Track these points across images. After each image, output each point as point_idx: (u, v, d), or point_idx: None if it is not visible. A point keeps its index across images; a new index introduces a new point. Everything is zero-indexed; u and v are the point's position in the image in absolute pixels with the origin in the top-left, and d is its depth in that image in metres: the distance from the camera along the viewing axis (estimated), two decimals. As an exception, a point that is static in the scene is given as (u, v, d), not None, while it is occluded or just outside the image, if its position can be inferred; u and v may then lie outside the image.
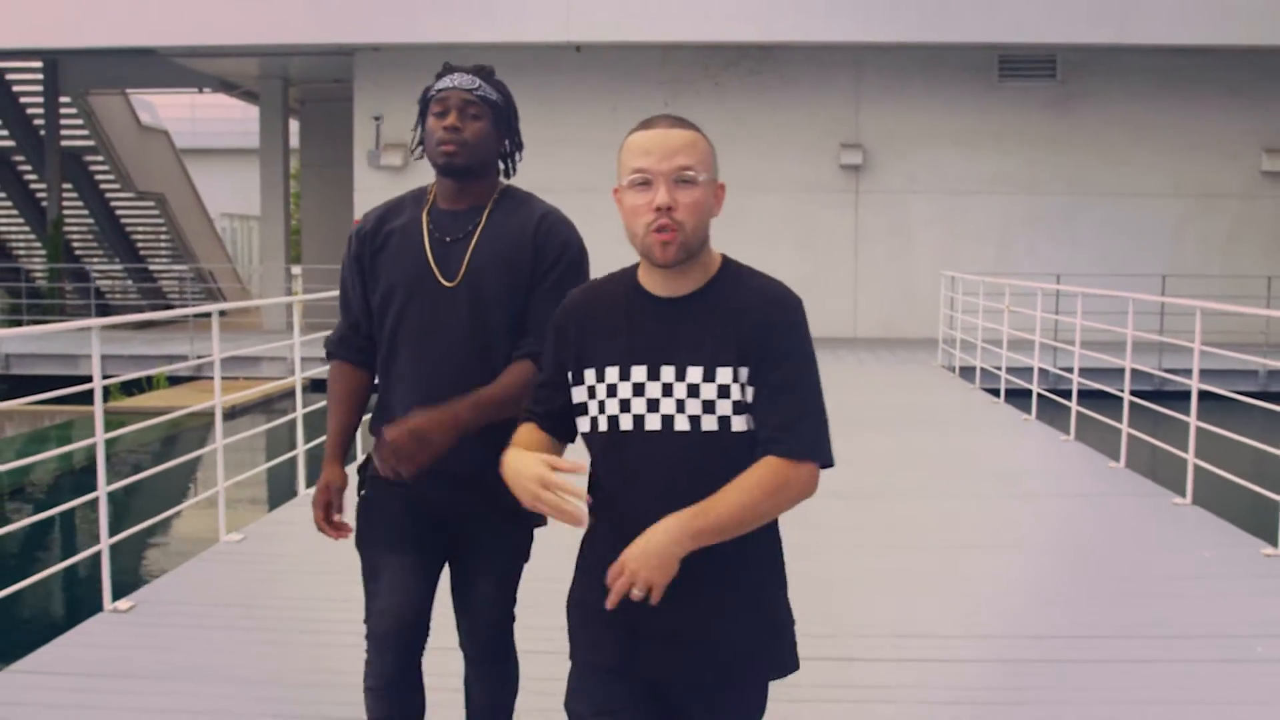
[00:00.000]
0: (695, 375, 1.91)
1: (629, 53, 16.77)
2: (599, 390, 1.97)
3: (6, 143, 20.73)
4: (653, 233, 1.90)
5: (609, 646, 1.99)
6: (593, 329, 2.00)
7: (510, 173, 2.67)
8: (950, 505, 6.51)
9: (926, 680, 3.91)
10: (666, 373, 1.93)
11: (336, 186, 19.43)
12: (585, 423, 2.00)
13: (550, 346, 2.08)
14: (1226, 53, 16.27)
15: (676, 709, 2.00)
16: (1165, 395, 8.35)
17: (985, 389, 11.40)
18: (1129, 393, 7.69)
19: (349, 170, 17.75)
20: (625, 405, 1.94)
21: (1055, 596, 4.89)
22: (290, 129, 20.44)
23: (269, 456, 10.35)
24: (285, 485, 9.33)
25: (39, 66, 19.69)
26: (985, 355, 11.69)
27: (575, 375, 2.00)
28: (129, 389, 14.58)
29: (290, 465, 7.50)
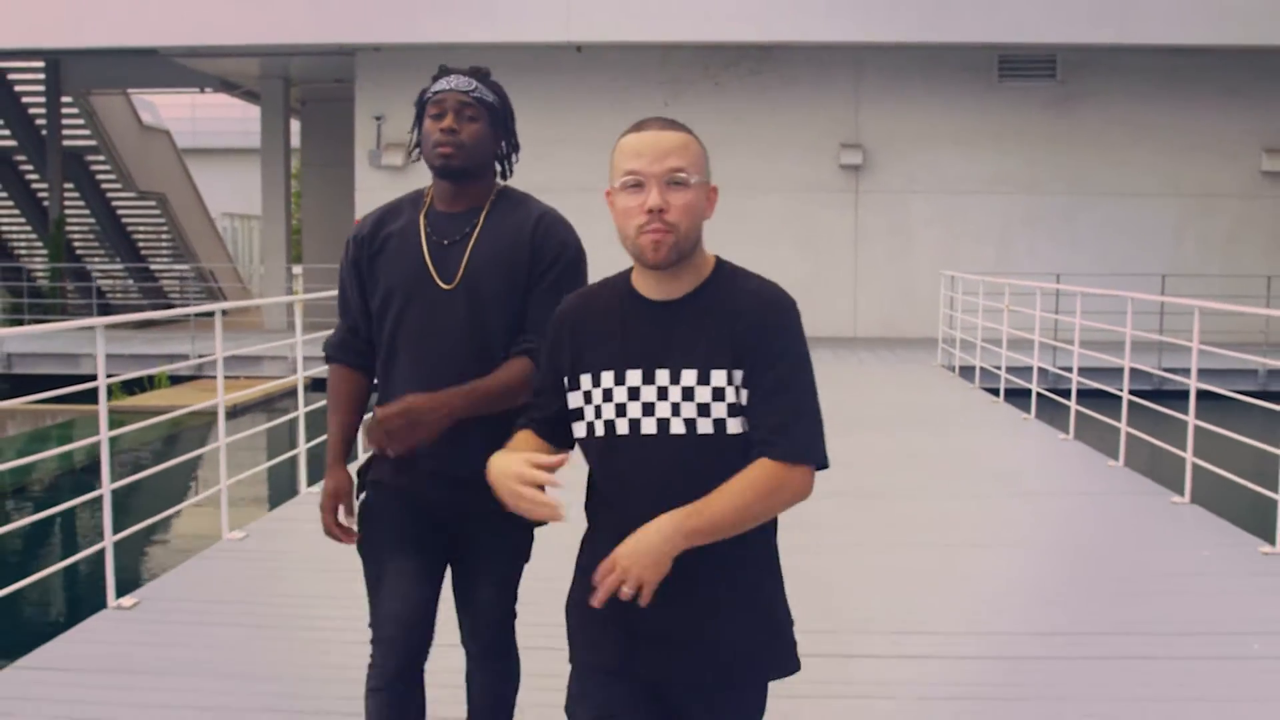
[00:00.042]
0: (690, 378, 1.91)
1: (629, 53, 16.78)
2: (595, 395, 1.97)
3: (8, 142, 20.77)
4: (644, 234, 1.89)
5: (608, 648, 1.98)
6: (587, 334, 2.00)
7: (507, 174, 2.67)
8: (950, 504, 6.53)
9: (926, 677, 3.93)
10: (661, 376, 1.92)
11: (337, 186, 19.45)
12: (582, 428, 1.99)
13: (546, 353, 2.07)
14: (1226, 53, 16.29)
15: (677, 710, 1.99)
16: (1165, 395, 8.36)
17: (985, 388, 11.42)
18: (1128, 392, 7.72)
19: (350, 170, 17.77)
20: (621, 410, 1.94)
21: (1054, 594, 4.91)
22: (291, 129, 20.46)
23: (270, 455, 10.37)
24: (287, 484, 9.35)
25: (41, 66, 19.74)
26: (985, 355, 11.70)
27: (571, 381, 2.00)
28: (130, 388, 14.60)
29: (291, 464, 7.51)
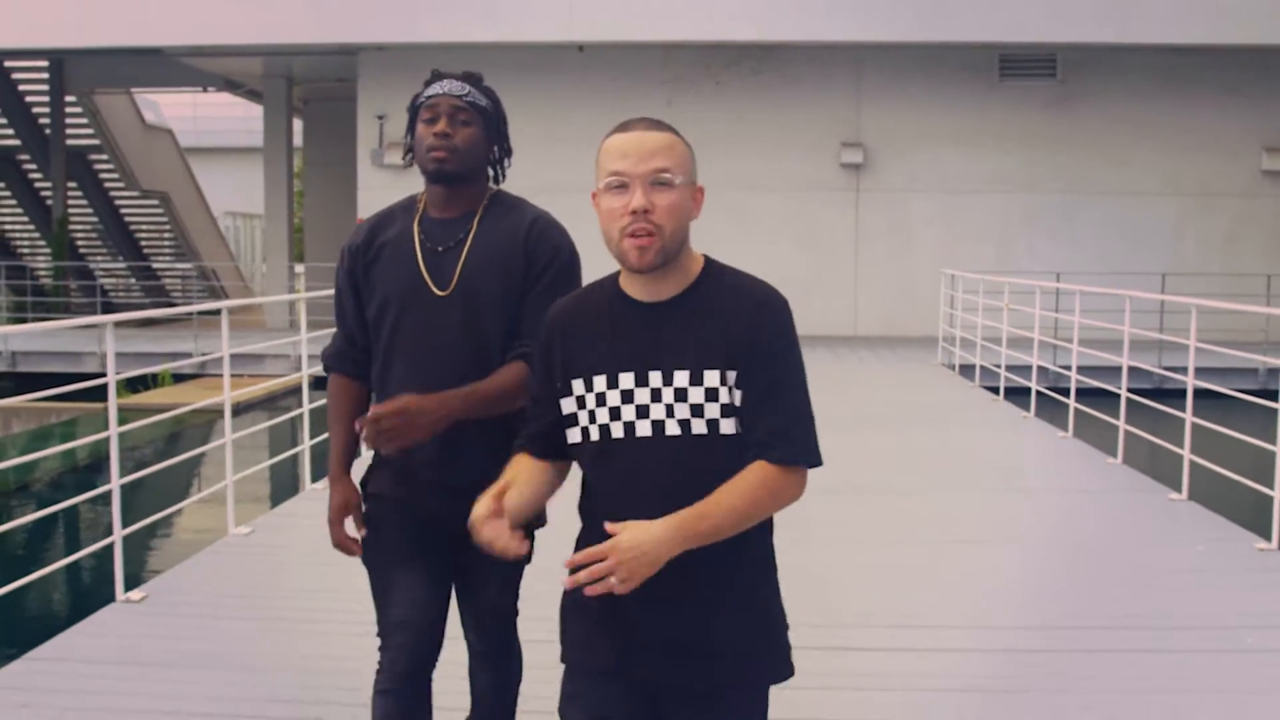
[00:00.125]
0: (682, 379, 1.90)
1: (631, 52, 16.82)
2: (588, 399, 1.95)
3: (12, 141, 20.83)
4: (628, 236, 1.87)
5: (603, 649, 1.97)
6: (578, 339, 1.99)
7: (500, 179, 2.66)
8: (950, 501, 6.57)
9: (926, 669, 3.96)
10: (654, 378, 1.91)
11: (340, 185, 19.49)
12: (576, 433, 1.98)
13: (538, 358, 2.06)
14: (1226, 52, 16.32)
15: (671, 714, 1.97)
16: (1165, 393, 8.40)
17: (985, 386, 11.44)
18: (1127, 390, 7.75)
19: (352, 169, 17.81)
20: (615, 413, 1.93)
21: (1053, 589, 4.94)
22: (294, 128, 20.50)
23: (272, 453, 10.42)
24: (289, 480, 9.40)
25: (45, 66, 19.79)
26: (985, 353, 11.73)
27: (564, 386, 1.99)
28: (134, 386, 14.64)
29: (294, 460, 7.56)
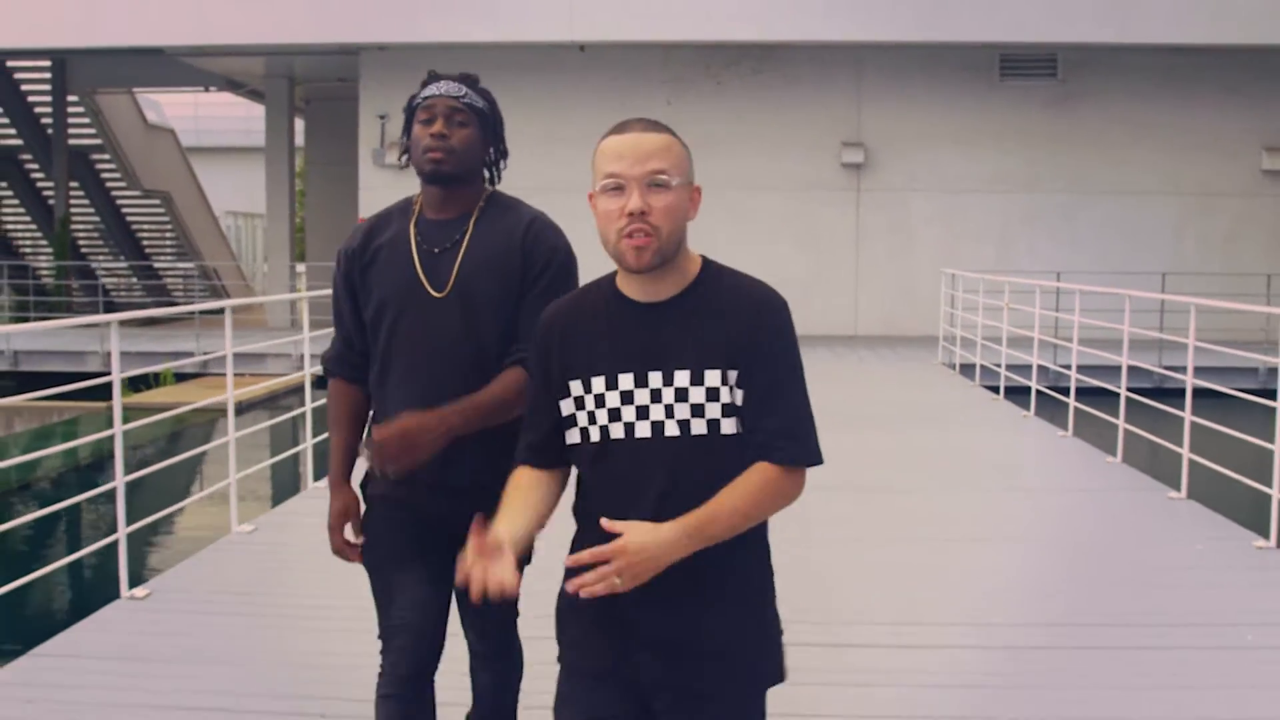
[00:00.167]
0: (683, 379, 1.90)
1: (631, 52, 16.84)
2: (587, 401, 1.95)
3: (14, 141, 20.87)
4: (625, 238, 1.87)
5: (599, 651, 1.96)
6: (575, 340, 1.98)
7: (495, 180, 2.66)
8: (950, 500, 6.59)
9: (926, 666, 3.98)
10: (654, 378, 1.91)
11: (341, 184, 19.51)
12: (575, 434, 1.97)
13: (535, 364, 2.04)
14: (1227, 52, 16.34)
15: (666, 716, 1.95)
16: (1164, 392, 8.42)
17: (985, 386, 11.46)
18: (1126, 389, 7.77)
19: (354, 168, 17.84)
20: (615, 414, 1.92)
21: (1053, 587, 4.96)
22: (295, 127, 20.52)
23: (273, 451, 10.45)
24: (290, 479, 9.43)
25: (47, 66, 19.83)
26: (985, 352, 11.75)
27: (562, 389, 1.98)
28: (136, 385, 14.66)
29: (296, 459, 7.60)
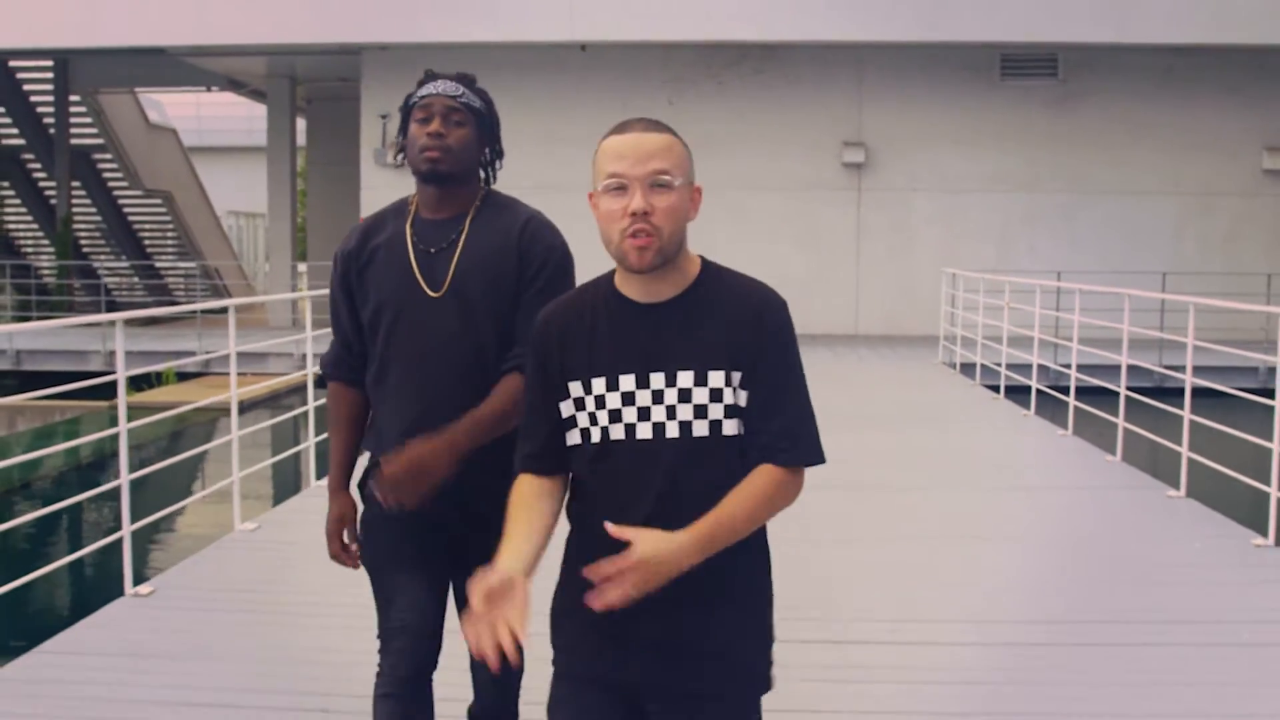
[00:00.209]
0: (686, 380, 1.89)
1: (632, 52, 16.86)
2: (587, 402, 1.94)
3: (17, 141, 20.91)
4: (628, 238, 1.87)
5: (593, 654, 1.96)
6: (575, 341, 1.96)
7: (490, 180, 2.66)
8: (950, 498, 6.61)
9: (925, 662, 4.00)
10: (656, 379, 1.90)
11: (343, 184, 19.55)
12: (575, 435, 1.96)
13: (533, 365, 2.02)
14: (1227, 51, 16.35)
15: (663, 719, 1.95)
16: (1164, 391, 8.44)
17: (985, 385, 11.48)
18: (1126, 388, 7.79)
19: (355, 168, 17.86)
20: (616, 415, 1.91)
21: (1052, 585, 4.98)
22: (297, 127, 20.55)
23: (274, 450, 10.47)
24: (292, 477, 9.46)
25: (49, 66, 19.86)
26: (985, 352, 11.76)
27: (561, 390, 1.96)
28: (138, 384, 14.69)
29: (297, 458, 7.63)
